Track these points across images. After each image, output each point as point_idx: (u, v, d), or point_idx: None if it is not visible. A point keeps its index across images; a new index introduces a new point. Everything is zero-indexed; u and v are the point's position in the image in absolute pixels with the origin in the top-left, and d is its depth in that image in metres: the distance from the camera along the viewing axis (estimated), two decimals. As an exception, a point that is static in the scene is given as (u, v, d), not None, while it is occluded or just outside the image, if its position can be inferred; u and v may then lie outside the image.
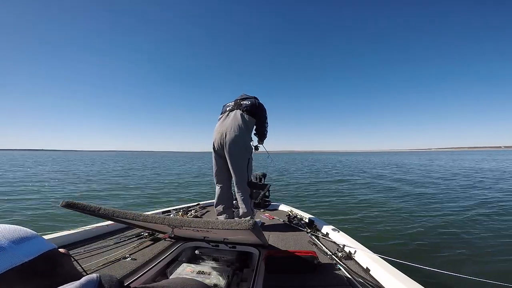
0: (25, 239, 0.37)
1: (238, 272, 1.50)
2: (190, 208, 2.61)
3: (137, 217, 0.98)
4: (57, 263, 0.40)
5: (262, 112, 2.16)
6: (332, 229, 1.80)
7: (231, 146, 1.94)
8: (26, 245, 0.36)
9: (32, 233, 0.40)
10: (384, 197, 6.61)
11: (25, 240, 0.37)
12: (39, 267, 0.36)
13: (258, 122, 2.15)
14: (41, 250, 0.38)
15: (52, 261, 0.39)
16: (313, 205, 5.75)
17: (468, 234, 3.53)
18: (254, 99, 2.16)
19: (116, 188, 8.61)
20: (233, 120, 2.01)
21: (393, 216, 4.63)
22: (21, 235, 0.37)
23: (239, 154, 1.97)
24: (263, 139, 2.35)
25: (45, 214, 4.76)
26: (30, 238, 0.38)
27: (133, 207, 5.90)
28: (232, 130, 1.95)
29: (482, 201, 5.75)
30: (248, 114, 2.04)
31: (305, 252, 1.25)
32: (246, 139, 2.02)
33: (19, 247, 0.35)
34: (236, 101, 2.16)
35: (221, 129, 2.01)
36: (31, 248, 0.36)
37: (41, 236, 0.43)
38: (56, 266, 0.39)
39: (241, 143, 1.96)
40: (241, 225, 0.80)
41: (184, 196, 7.18)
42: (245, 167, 2.01)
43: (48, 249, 0.40)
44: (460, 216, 4.50)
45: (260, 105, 2.14)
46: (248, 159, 2.03)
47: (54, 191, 7.57)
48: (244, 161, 2.00)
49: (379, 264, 1.20)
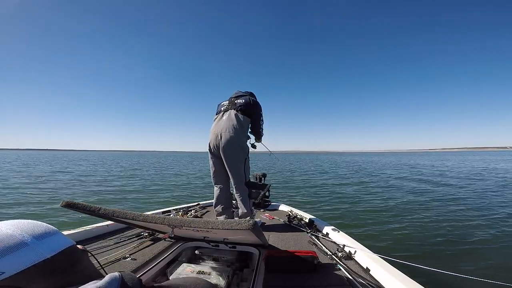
0: (47, 235, 0.37)
1: (238, 272, 1.50)
2: (190, 208, 2.61)
3: (137, 217, 0.98)
4: (76, 259, 0.40)
5: (256, 110, 2.11)
6: (332, 229, 1.80)
7: (226, 148, 1.93)
8: (48, 241, 0.36)
9: (53, 229, 0.40)
10: (384, 197, 6.61)
11: (47, 236, 0.37)
12: (59, 264, 0.36)
13: (252, 120, 2.10)
14: (62, 247, 0.38)
15: (71, 258, 0.39)
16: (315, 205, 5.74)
17: (468, 234, 3.53)
18: (249, 97, 2.10)
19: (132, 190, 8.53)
20: (228, 120, 1.99)
21: (393, 216, 4.64)
22: (43, 230, 0.38)
23: (235, 155, 1.96)
24: (259, 137, 2.31)
25: (45, 214, 4.77)
26: (51, 234, 0.38)
27: (133, 207, 5.90)
28: (227, 131, 1.94)
29: (482, 200, 5.76)
30: (243, 114, 2.01)
31: (305, 252, 1.25)
32: (241, 139, 2.00)
33: (42, 243, 0.35)
34: (230, 100, 2.12)
35: (216, 130, 1.99)
36: (53, 244, 0.37)
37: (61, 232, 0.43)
38: (75, 263, 0.39)
39: (236, 144, 1.95)
40: (241, 225, 0.80)
41: (185, 196, 7.19)
42: (242, 167, 2.00)
43: (68, 245, 0.40)
44: (461, 215, 4.51)
45: (254, 103, 2.09)
46: (245, 159, 2.02)
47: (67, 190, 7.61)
48: (240, 162, 1.99)
49: (379, 264, 1.20)
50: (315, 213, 2.52)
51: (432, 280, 2.03)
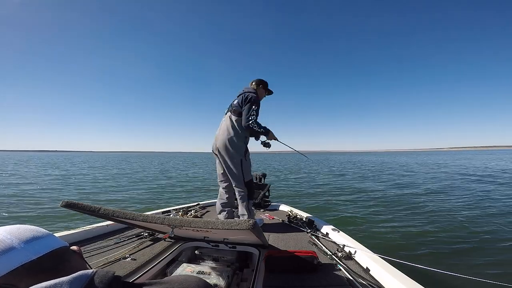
0: (36, 238, 0.40)
1: (238, 272, 1.51)
2: (190, 208, 2.61)
3: (137, 217, 0.98)
4: (65, 259, 0.43)
5: (246, 105, 1.96)
6: (332, 229, 1.80)
7: (220, 150, 2.04)
8: (36, 244, 0.39)
9: (43, 232, 0.43)
10: (384, 197, 6.61)
11: (35, 239, 0.40)
12: (46, 264, 0.38)
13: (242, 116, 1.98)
14: (50, 248, 0.40)
15: (60, 258, 0.42)
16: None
17: (469, 234, 3.52)
18: (242, 95, 2.03)
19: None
20: (224, 123, 2.11)
21: (393, 216, 4.63)
22: (32, 234, 0.41)
23: (229, 158, 2.03)
24: (256, 133, 2.12)
25: (44, 215, 4.77)
26: (41, 237, 0.41)
27: (132, 207, 5.90)
28: (221, 134, 2.06)
29: (483, 198, 5.75)
30: (235, 115, 2.05)
31: (305, 252, 1.26)
32: (234, 142, 2.00)
33: (29, 246, 0.38)
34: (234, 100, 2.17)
35: (216, 133, 2.14)
36: (41, 246, 0.39)
37: (53, 234, 0.46)
38: (63, 262, 0.42)
39: (229, 146, 2.00)
40: (241, 225, 0.80)
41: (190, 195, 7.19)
42: (239, 168, 2.03)
43: (58, 246, 0.42)
44: (461, 215, 4.50)
45: (247, 98, 1.98)
46: (240, 160, 2.03)
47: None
48: (236, 164, 2.03)
49: (379, 264, 1.20)
50: (314, 213, 2.52)
51: (432, 280, 2.03)
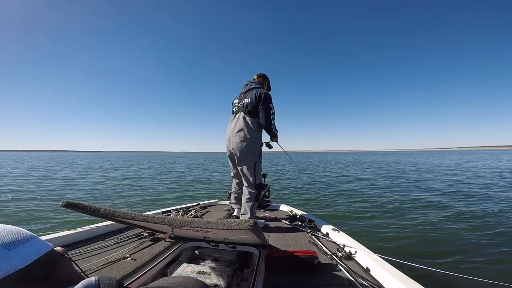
0: (20, 242, 0.34)
1: (238, 272, 1.50)
2: (190, 208, 2.61)
3: (137, 217, 0.98)
4: (55, 266, 0.37)
5: (264, 105, 1.97)
6: (332, 229, 1.80)
7: (235, 152, 2.01)
8: (21, 249, 0.33)
9: (27, 234, 0.37)
10: (384, 196, 6.61)
11: (19, 244, 0.34)
12: (36, 272, 0.33)
13: (261, 118, 2.00)
14: (37, 254, 0.35)
15: (50, 264, 0.36)
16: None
17: (469, 234, 3.53)
18: (255, 93, 1.99)
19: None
20: (237, 124, 2.04)
21: (393, 216, 4.63)
22: (15, 238, 0.34)
23: (244, 160, 2.01)
24: (272, 134, 2.17)
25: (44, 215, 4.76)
26: (25, 241, 0.35)
27: (133, 207, 5.90)
28: (236, 135, 2.00)
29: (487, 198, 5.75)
30: (250, 116, 2.01)
31: (305, 252, 1.26)
32: (250, 143, 1.99)
33: (13, 252, 0.32)
34: (240, 97, 2.11)
35: (228, 133, 2.11)
36: (27, 252, 0.33)
37: (38, 236, 0.39)
38: (54, 269, 0.37)
39: (245, 148, 1.97)
40: (241, 225, 0.80)
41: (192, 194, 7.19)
42: (252, 170, 2.02)
43: (45, 251, 0.37)
44: (461, 215, 4.50)
45: (261, 97, 1.97)
46: (255, 162, 2.02)
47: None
48: (250, 166, 2.02)
49: (379, 264, 1.20)
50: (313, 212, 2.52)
51: (432, 280, 2.03)
